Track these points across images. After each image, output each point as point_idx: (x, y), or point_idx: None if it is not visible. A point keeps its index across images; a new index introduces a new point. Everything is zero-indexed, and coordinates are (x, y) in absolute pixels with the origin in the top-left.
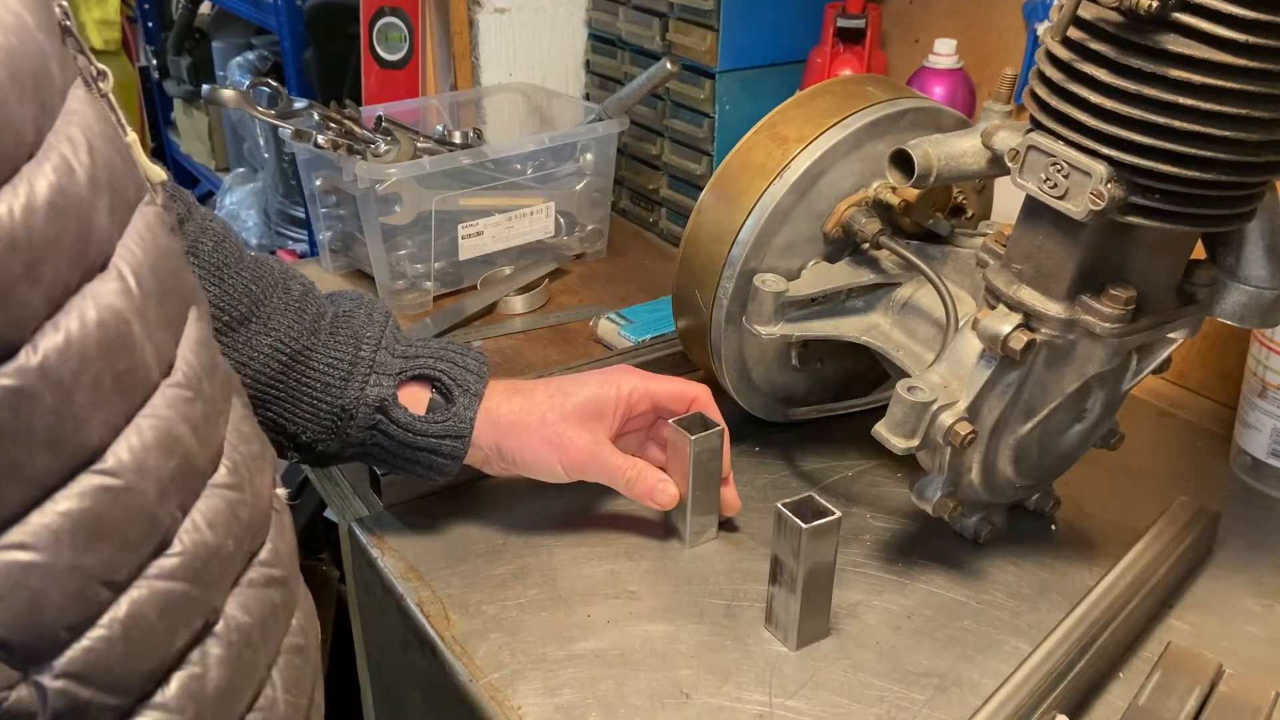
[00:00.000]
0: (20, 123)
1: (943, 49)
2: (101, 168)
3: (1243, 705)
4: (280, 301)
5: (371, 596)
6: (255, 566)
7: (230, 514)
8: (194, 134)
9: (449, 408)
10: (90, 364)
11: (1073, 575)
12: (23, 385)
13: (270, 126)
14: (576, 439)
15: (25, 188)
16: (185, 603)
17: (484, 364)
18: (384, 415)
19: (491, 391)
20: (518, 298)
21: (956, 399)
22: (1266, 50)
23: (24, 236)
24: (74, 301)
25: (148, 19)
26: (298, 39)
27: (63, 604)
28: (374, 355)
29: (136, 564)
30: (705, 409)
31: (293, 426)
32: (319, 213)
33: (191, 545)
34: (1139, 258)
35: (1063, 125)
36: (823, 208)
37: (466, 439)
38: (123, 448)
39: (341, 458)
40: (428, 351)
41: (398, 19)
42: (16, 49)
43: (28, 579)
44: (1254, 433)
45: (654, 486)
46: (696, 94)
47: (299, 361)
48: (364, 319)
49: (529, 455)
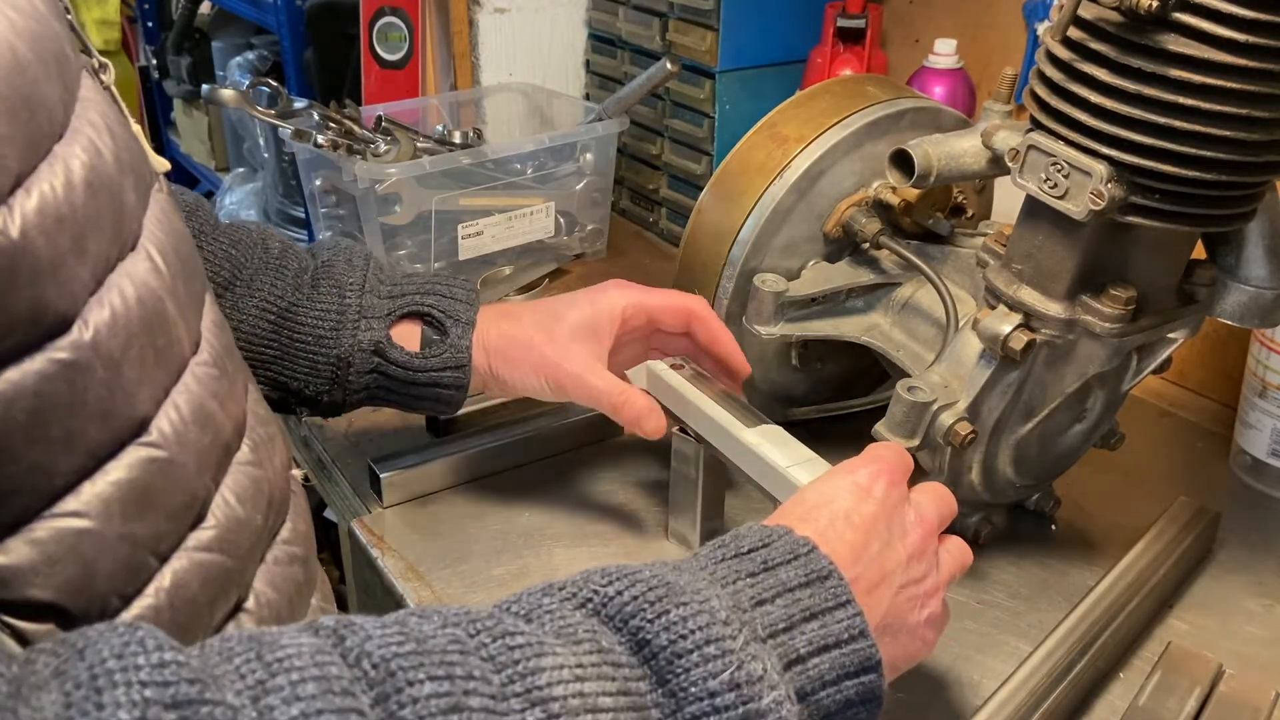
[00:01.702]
0: (51, 102)
1: (943, 49)
2: (123, 150)
3: (1243, 705)
4: (260, 262)
5: (371, 596)
6: (278, 544)
7: (255, 489)
8: (194, 134)
9: (444, 340)
10: (135, 339)
11: (1073, 575)
12: (77, 359)
13: (270, 126)
14: (564, 362)
15: (62, 166)
16: (222, 574)
17: (472, 291)
18: (381, 357)
19: (481, 317)
20: (518, 298)
21: (956, 399)
22: (1266, 50)
23: (69, 212)
24: (112, 279)
25: (148, 19)
26: (298, 39)
27: (114, 571)
28: (359, 300)
29: (178, 535)
30: (703, 321)
31: (295, 383)
32: (319, 213)
33: (224, 519)
34: (1139, 258)
35: (1063, 125)
36: (823, 208)
37: (467, 368)
38: (164, 421)
39: (349, 405)
40: (413, 288)
41: (398, 19)
42: (38, 32)
43: (80, 545)
44: (1254, 433)
45: (641, 413)
46: (696, 94)
47: (288, 319)
48: (344, 266)
49: (518, 377)
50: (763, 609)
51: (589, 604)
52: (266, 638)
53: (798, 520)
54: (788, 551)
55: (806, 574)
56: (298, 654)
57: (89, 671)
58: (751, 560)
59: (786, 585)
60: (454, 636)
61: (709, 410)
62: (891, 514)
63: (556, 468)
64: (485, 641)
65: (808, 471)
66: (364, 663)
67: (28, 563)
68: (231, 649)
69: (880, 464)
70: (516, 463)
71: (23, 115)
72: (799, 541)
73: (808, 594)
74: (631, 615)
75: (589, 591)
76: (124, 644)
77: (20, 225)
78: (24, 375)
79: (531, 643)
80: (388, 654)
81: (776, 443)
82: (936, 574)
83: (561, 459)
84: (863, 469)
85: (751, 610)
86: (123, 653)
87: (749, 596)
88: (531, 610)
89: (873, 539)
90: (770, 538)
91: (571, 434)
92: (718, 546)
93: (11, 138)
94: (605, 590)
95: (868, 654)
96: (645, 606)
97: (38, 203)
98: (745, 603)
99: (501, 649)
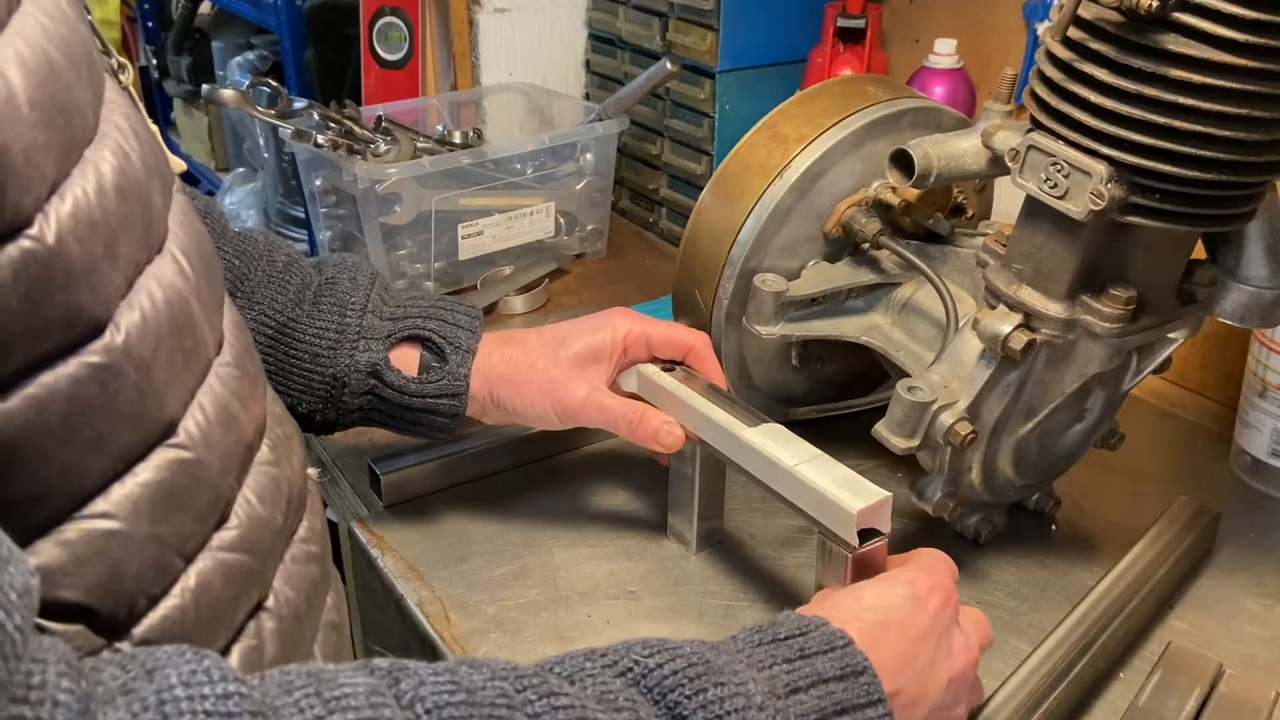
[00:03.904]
0: (83, 106)
1: (943, 49)
2: (148, 152)
3: (1243, 705)
4: (263, 274)
5: (371, 596)
6: (296, 543)
7: (275, 489)
8: (194, 134)
9: (442, 366)
10: (164, 341)
11: (1073, 575)
12: (109, 362)
13: (270, 126)
14: (572, 385)
15: (93, 171)
16: (244, 574)
17: (475, 319)
18: (377, 379)
19: (484, 343)
20: (518, 298)
21: (957, 399)
22: (1266, 50)
23: (100, 217)
24: (141, 281)
25: (148, 19)
26: (298, 39)
27: (141, 572)
28: (360, 320)
29: (203, 535)
30: (701, 359)
31: (288, 399)
32: (319, 213)
33: (246, 518)
34: (1139, 258)
35: (1063, 125)
36: (823, 208)
37: (463, 396)
38: (191, 422)
39: (342, 425)
40: (416, 311)
41: (398, 19)
42: (68, 36)
43: (109, 546)
44: (1254, 433)
45: (658, 429)
46: (696, 94)
47: (286, 334)
48: (348, 284)
49: (522, 404)
50: (796, 698)
51: (630, 673)
52: (325, 675)
53: (851, 616)
54: (824, 643)
55: (841, 667)
56: (354, 693)
57: (157, 695)
58: (788, 647)
59: (821, 676)
60: (502, 690)
61: (709, 412)
62: (942, 634)
63: (556, 468)
64: (531, 699)
65: (815, 469)
66: (417, 707)
67: (57, 564)
68: (291, 682)
69: (938, 578)
70: (516, 463)
71: (58, 122)
72: (836, 634)
73: (841, 687)
74: (670, 689)
75: (630, 661)
76: (191, 671)
77: (56, 231)
78: (57, 379)
79: (574, 704)
80: (440, 701)
81: (781, 441)
82: (967, 702)
83: (561, 459)
84: (923, 581)
85: (786, 698)
86: (190, 680)
87: (784, 684)
88: (575, 673)
89: (921, 654)
90: (808, 627)
91: (571, 434)
92: (756, 631)
93: (48, 145)
94: (646, 661)
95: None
96: (685, 682)
97: (71, 208)
98: (780, 689)
99: (546, 708)
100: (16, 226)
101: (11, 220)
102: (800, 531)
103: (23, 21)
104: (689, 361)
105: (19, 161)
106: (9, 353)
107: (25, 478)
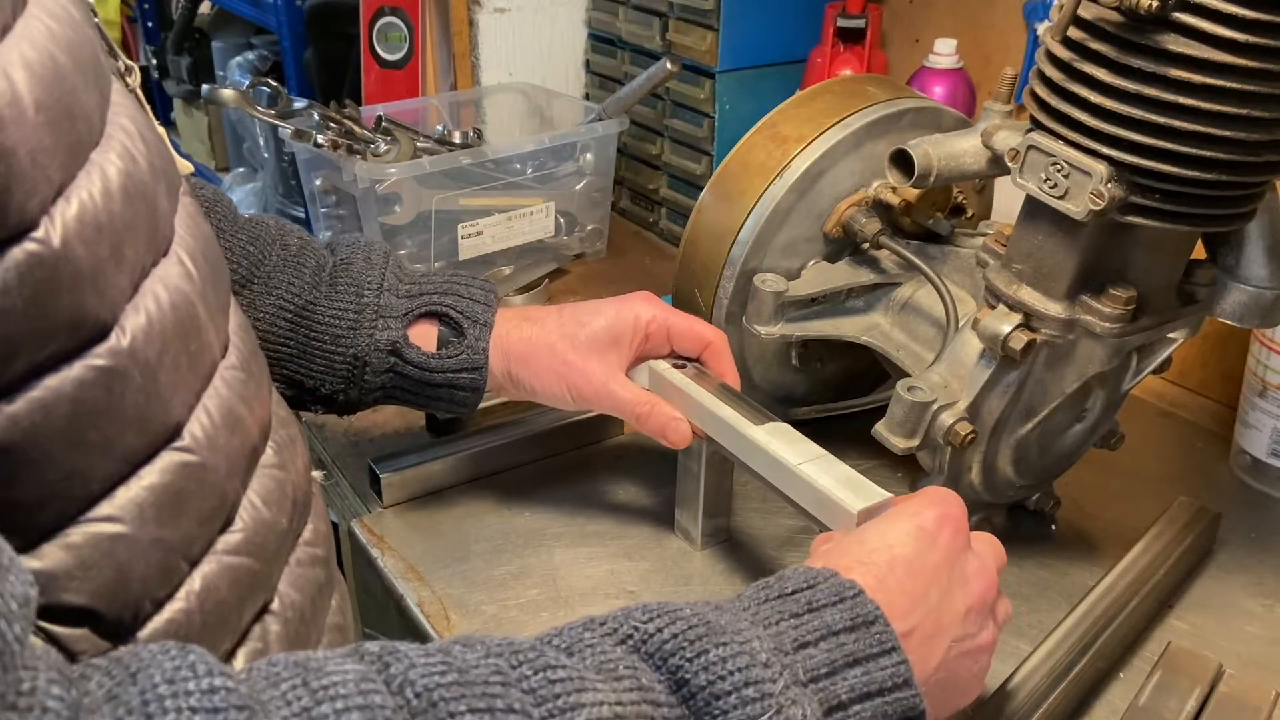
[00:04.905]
0: (90, 109)
1: (943, 49)
2: (155, 155)
3: (1243, 705)
4: (278, 259)
5: (371, 596)
6: (301, 546)
7: (280, 492)
8: (194, 134)
9: (460, 341)
10: (169, 344)
11: (1073, 575)
12: (115, 365)
13: (270, 126)
14: (587, 370)
15: (99, 174)
16: (249, 577)
17: (491, 293)
18: (398, 357)
19: (502, 319)
20: (518, 298)
21: (956, 399)
22: (1266, 50)
23: (107, 220)
24: (147, 285)
25: (148, 19)
26: (298, 39)
27: (147, 575)
28: (377, 299)
29: (208, 539)
30: (717, 356)
31: (311, 381)
32: (319, 213)
33: (251, 522)
34: (1139, 258)
35: (1063, 125)
36: (823, 208)
37: (483, 370)
38: (196, 425)
39: (364, 404)
40: (432, 287)
41: (398, 19)
42: (75, 39)
43: (114, 550)
44: (1254, 433)
45: (667, 423)
46: (696, 94)
47: (305, 317)
48: (362, 264)
49: (539, 383)
50: (805, 652)
51: (629, 640)
52: (312, 663)
53: (856, 562)
54: (833, 594)
55: (852, 618)
56: (342, 681)
57: (140, 697)
58: (795, 601)
59: (831, 629)
60: (496, 667)
61: (716, 410)
62: (954, 562)
63: (556, 468)
64: (527, 674)
65: (818, 468)
66: (407, 691)
67: (62, 568)
68: (278, 674)
69: (945, 507)
70: (516, 462)
71: (64, 125)
72: (845, 584)
73: (852, 639)
74: (671, 654)
75: (629, 627)
76: (175, 668)
77: (61, 234)
78: (63, 382)
79: (572, 677)
80: (431, 683)
81: (786, 440)
82: (994, 627)
83: (561, 459)
84: (928, 512)
85: (794, 653)
86: (174, 678)
87: (791, 639)
88: (573, 644)
89: (933, 588)
90: (816, 579)
91: (571, 434)
92: (762, 587)
93: (54, 149)
94: (645, 627)
95: (910, 703)
96: (685, 645)
97: (77, 211)
98: (787, 645)
99: (543, 682)
100: (22, 229)
101: (17, 223)
102: (801, 532)
103: (28, 25)
104: (705, 357)
105: (25, 164)
106: (14, 356)
107: (30, 481)
